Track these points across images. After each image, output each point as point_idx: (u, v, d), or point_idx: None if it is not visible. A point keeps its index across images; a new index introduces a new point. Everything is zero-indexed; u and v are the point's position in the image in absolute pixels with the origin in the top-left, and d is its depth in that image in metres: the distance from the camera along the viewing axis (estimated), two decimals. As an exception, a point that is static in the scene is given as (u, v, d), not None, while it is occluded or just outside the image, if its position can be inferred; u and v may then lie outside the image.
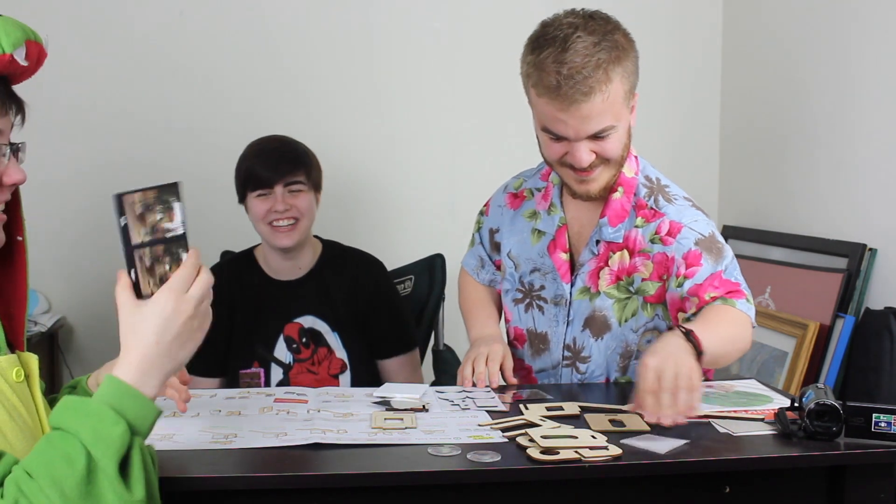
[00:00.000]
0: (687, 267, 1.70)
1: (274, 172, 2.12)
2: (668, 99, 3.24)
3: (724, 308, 1.66)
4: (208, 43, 3.04)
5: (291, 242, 2.15)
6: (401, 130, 3.16)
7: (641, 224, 1.76)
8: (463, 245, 2.14)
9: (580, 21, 1.62)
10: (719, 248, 1.73)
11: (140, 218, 1.16)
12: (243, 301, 2.20)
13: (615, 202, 1.77)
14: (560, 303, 1.83)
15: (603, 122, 1.62)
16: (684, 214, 1.75)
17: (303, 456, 1.33)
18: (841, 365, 2.42)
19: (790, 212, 2.88)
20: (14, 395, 1.24)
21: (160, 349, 1.14)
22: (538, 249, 1.86)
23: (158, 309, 1.14)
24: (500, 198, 1.98)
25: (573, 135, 1.63)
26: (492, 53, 3.14)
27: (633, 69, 1.66)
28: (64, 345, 3.03)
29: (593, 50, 1.58)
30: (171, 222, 1.17)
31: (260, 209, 2.14)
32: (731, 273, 1.72)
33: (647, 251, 1.75)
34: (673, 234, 1.73)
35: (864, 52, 2.52)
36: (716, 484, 1.37)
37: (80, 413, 1.09)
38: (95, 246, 2.97)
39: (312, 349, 2.17)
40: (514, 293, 1.91)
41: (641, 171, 1.80)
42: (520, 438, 1.38)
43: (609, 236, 1.77)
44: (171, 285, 1.15)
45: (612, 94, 1.60)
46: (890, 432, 1.36)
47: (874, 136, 2.49)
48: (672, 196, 1.78)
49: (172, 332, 1.14)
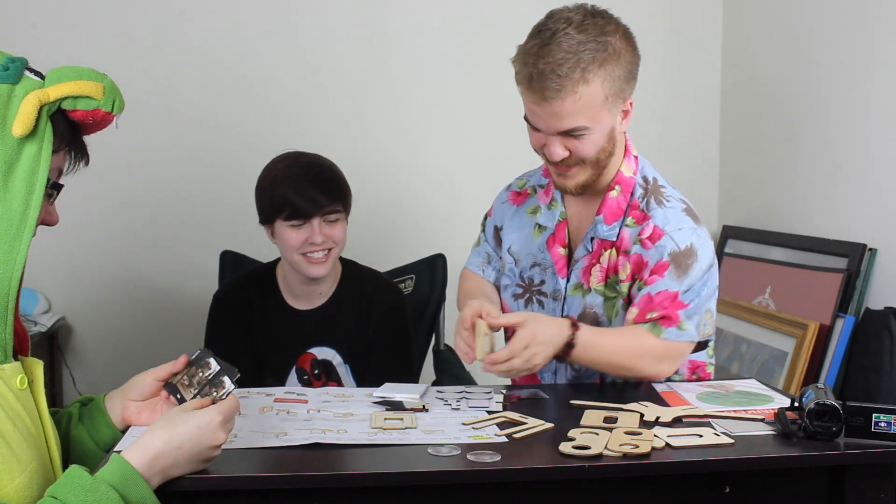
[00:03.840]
0: (650, 273, 1.71)
1: (313, 205, 2.00)
2: (669, 99, 3.24)
3: (639, 331, 1.71)
4: (207, 41, 3.04)
5: (325, 272, 2.06)
6: (401, 130, 3.17)
7: (631, 224, 1.76)
8: (463, 245, 2.14)
9: (578, 17, 1.62)
10: (688, 265, 1.70)
11: (187, 388, 1.38)
12: (259, 328, 2.13)
13: (612, 200, 1.77)
14: (558, 297, 1.83)
15: (574, 121, 1.62)
16: (669, 221, 1.73)
17: (303, 456, 1.33)
18: (841, 365, 2.43)
19: (790, 212, 2.88)
20: (18, 403, 1.24)
21: (179, 454, 1.21)
22: (539, 244, 1.87)
23: (203, 421, 1.24)
24: (504, 195, 2.00)
25: (544, 128, 1.66)
26: (493, 53, 3.13)
27: (623, 74, 1.63)
28: (64, 345, 3.03)
29: (576, 48, 1.58)
30: (209, 370, 1.36)
31: (294, 240, 2.02)
32: (691, 295, 1.71)
33: (628, 252, 1.75)
34: (653, 239, 1.73)
35: (865, 53, 2.52)
36: (716, 484, 1.37)
37: (87, 494, 1.14)
38: (95, 246, 2.97)
39: (323, 381, 2.12)
40: (513, 288, 1.91)
41: (640, 171, 1.80)
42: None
43: (603, 234, 1.77)
44: (221, 409, 1.27)
45: (586, 96, 1.59)
46: (890, 432, 1.36)
47: (875, 136, 2.49)
48: (665, 198, 1.78)
49: (198, 447, 1.22)
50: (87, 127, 1.29)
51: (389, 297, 2.20)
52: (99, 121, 1.27)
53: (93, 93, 1.24)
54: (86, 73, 1.26)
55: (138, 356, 3.00)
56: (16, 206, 1.21)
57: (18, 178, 1.21)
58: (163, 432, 1.21)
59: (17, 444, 1.21)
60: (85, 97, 1.24)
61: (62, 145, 1.27)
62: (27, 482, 1.21)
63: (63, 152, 1.29)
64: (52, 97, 1.22)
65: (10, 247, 1.21)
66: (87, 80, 1.25)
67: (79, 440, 1.42)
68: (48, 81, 1.24)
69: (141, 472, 1.17)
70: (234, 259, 2.59)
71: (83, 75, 1.25)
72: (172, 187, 3.04)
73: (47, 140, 1.23)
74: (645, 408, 1.56)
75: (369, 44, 3.12)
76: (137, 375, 1.45)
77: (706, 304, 1.74)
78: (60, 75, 1.25)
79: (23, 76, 1.24)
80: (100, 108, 1.25)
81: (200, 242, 3.04)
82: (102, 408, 1.44)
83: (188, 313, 3.01)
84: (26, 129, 1.20)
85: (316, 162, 2.10)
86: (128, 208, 3.03)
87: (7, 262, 1.21)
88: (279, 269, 2.18)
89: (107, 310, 3.05)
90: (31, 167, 1.22)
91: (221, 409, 1.27)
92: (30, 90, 1.22)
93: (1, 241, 1.20)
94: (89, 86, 1.24)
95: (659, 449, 1.36)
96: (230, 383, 1.33)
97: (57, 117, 1.25)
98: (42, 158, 1.22)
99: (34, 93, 1.21)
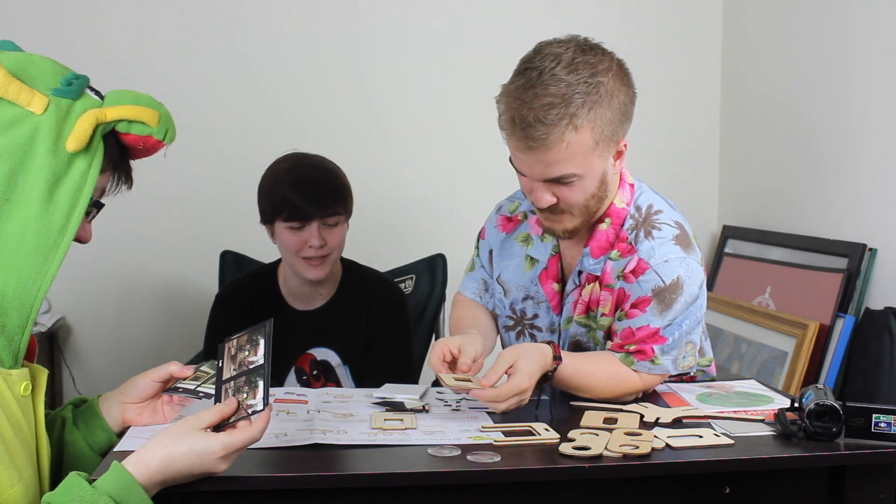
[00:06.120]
0: (631, 307, 1.63)
1: (314, 208, 2.00)
2: (669, 100, 3.24)
3: (613, 359, 1.63)
4: (207, 41, 3.04)
5: (322, 275, 2.06)
6: (402, 130, 3.17)
7: (616, 258, 1.67)
8: (463, 245, 2.14)
9: (569, 55, 1.50)
10: (672, 299, 1.61)
11: (232, 358, 1.32)
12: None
13: (600, 234, 1.68)
14: (555, 330, 1.78)
15: (563, 169, 1.52)
16: (655, 253, 1.62)
17: (303, 456, 1.33)
18: (841, 365, 2.43)
19: (790, 212, 2.88)
20: (19, 409, 1.24)
21: (177, 474, 1.19)
22: (531, 276, 1.78)
23: (206, 451, 1.20)
24: (493, 219, 1.90)
25: (528, 175, 1.56)
26: (492, 53, 3.14)
27: (615, 117, 1.52)
28: (63, 345, 3.03)
29: (564, 91, 1.47)
30: (255, 356, 1.29)
31: (292, 242, 2.02)
32: (672, 330, 1.63)
33: (611, 286, 1.67)
34: (637, 273, 1.63)
35: (865, 53, 2.52)
36: (716, 484, 1.37)
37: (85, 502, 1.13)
38: (95, 246, 2.95)
39: (322, 382, 2.13)
40: (504, 320, 1.86)
41: (635, 201, 1.70)
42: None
43: (589, 268, 1.69)
44: (227, 443, 1.21)
45: (573, 144, 1.48)
46: (890, 432, 1.36)
47: (874, 136, 2.49)
48: (657, 226, 1.66)
49: (196, 471, 1.20)
50: (136, 151, 1.32)
51: (390, 296, 2.19)
52: (149, 147, 1.30)
53: (148, 119, 1.27)
54: (144, 99, 1.29)
55: (138, 356, 3.01)
56: (57, 220, 1.22)
57: (64, 193, 1.22)
58: (164, 452, 1.19)
59: (17, 451, 1.21)
60: (140, 122, 1.27)
61: (109, 166, 1.29)
62: (24, 491, 1.21)
63: (109, 173, 1.31)
64: (110, 118, 1.25)
65: (44, 259, 1.23)
66: (145, 106, 1.28)
67: (73, 445, 1.41)
68: (107, 102, 1.27)
69: (141, 482, 1.16)
70: (235, 259, 2.59)
71: (141, 101, 1.28)
72: (172, 187, 3.04)
73: (97, 159, 1.25)
74: (645, 409, 1.56)
75: (370, 44, 3.12)
76: (133, 378, 1.45)
77: (687, 337, 1.66)
78: (119, 98, 1.27)
79: (84, 94, 1.26)
80: (152, 135, 1.28)
81: (200, 242, 3.04)
82: (97, 411, 1.44)
83: (188, 313, 3.01)
84: (80, 144, 1.21)
85: (318, 164, 2.10)
86: (128, 208, 3.01)
87: (38, 274, 1.22)
88: (280, 271, 2.18)
89: (107, 310, 3.05)
90: (78, 183, 1.23)
91: (227, 442, 1.21)
92: (89, 108, 1.24)
93: (36, 252, 1.22)
94: (146, 112, 1.27)
95: (659, 450, 1.36)
96: (262, 401, 1.24)
97: (109, 138, 1.27)
98: (90, 176, 1.24)
99: (92, 111, 1.24)
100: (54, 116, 1.21)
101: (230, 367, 1.31)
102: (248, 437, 1.22)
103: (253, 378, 1.27)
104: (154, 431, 1.30)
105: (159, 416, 1.45)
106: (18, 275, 1.21)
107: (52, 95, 1.22)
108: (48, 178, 1.21)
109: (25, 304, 1.22)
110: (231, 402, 1.26)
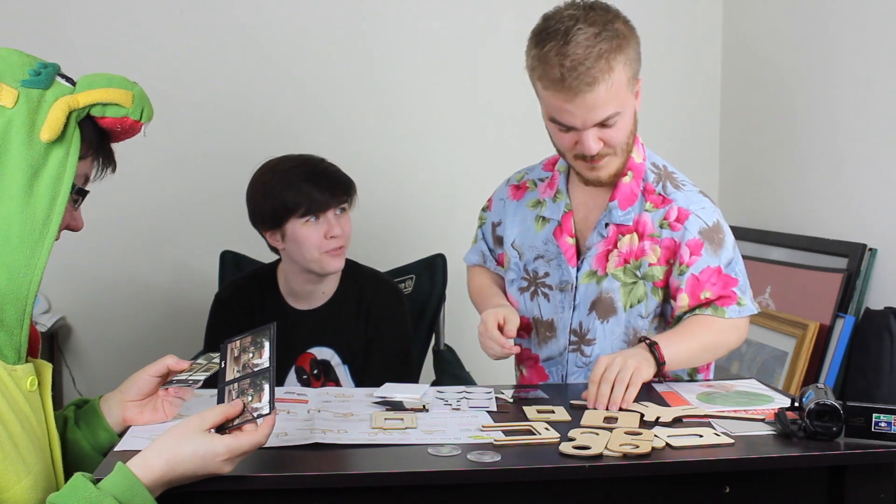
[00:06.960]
0: (689, 255, 1.77)
1: (330, 196, 2.03)
2: (669, 99, 3.25)
3: (707, 320, 1.76)
4: (206, 41, 3.04)
5: (342, 265, 2.09)
6: (402, 130, 3.17)
7: (651, 209, 1.80)
8: (463, 245, 2.14)
9: (580, 13, 1.65)
10: (721, 239, 1.78)
11: (236, 360, 1.31)
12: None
13: (625, 186, 1.81)
14: (566, 288, 1.85)
15: (608, 109, 1.66)
16: (692, 201, 1.80)
17: (303, 456, 1.33)
18: (841, 365, 2.43)
19: (790, 212, 2.88)
20: (27, 405, 1.24)
21: (181, 476, 1.19)
22: (542, 236, 1.89)
23: (209, 453, 1.19)
24: (503, 191, 2.01)
25: (580, 124, 1.67)
26: (491, 53, 3.15)
27: (635, 56, 1.69)
28: (64, 345, 3.03)
29: (594, 41, 1.62)
30: (259, 358, 1.30)
31: (314, 237, 2.03)
32: (732, 268, 1.79)
33: (655, 236, 1.80)
34: (681, 220, 1.78)
35: (865, 53, 2.52)
36: (716, 484, 1.37)
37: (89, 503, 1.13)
38: (95, 246, 2.97)
39: (322, 382, 2.13)
40: (519, 282, 1.93)
41: (648, 158, 1.85)
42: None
43: (619, 219, 1.81)
44: (232, 446, 1.21)
45: (615, 82, 1.64)
46: (890, 432, 1.36)
47: (874, 136, 2.49)
48: (679, 182, 1.84)
49: (199, 472, 1.20)
50: (115, 134, 1.31)
51: (389, 296, 2.20)
52: (127, 129, 1.29)
53: (122, 101, 1.26)
54: (116, 80, 1.27)
55: (138, 356, 2.99)
56: (39, 211, 1.22)
57: (43, 184, 1.22)
58: (168, 454, 1.18)
59: (25, 446, 1.21)
60: (114, 105, 1.26)
61: (89, 152, 1.28)
62: (32, 485, 1.21)
63: (90, 159, 1.30)
64: (82, 103, 1.24)
65: (32, 251, 1.22)
66: (117, 87, 1.27)
67: (75, 444, 1.41)
68: (79, 88, 1.26)
69: (146, 484, 1.16)
70: (234, 259, 2.59)
71: (113, 83, 1.27)
72: (172, 187, 3.05)
73: (74, 146, 1.24)
74: (645, 408, 1.56)
75: (369, 45, 3.12)
76: (133, 376, 1.46)
77: (746, 278, 1.81)
78: (91, 82, 1.26)
79: (54, 82, 1.25)
80: (128, 115, 1.27)
81: (200, 242, 3.04)
82: (98, 411, 1.44)
83: (188, 313, 3.01)
84: (54, 134, 1.21)
85: (314, 158, 2.13)
86: (128, 208, 3.03)
87: (28, 267, 1.22)
88: (280, 270, 2.18)
89: (107, 310, 3.05)
90: (57, 173, 1.22)
91: (232, 446, 1.20)
92: (60, 96, 1.23)
93: (23, 245, 1.21)
94: (119, 93, 1.26)
95: (659, 449, 1.36)
96: (268, 405, 1.24)
97: (85, 124, 1.26)
98: (68, 164, 1.23)
99: (64, 98, 1.22)
100: (25, 108, 1.20)
101: (234, 368, 1.31)
102: (253, 442, 1.22)
103: (258, 381, 1.27)
104: (155, 430, 1.31)
105: (160, 414, 1.45)
106: (8, 269, 1.21)
107: (22, 87, 1.21)
108: (26, 171, 1.20)
109: (19, 298, 1.22)
110: (237, 403, 1.26)
